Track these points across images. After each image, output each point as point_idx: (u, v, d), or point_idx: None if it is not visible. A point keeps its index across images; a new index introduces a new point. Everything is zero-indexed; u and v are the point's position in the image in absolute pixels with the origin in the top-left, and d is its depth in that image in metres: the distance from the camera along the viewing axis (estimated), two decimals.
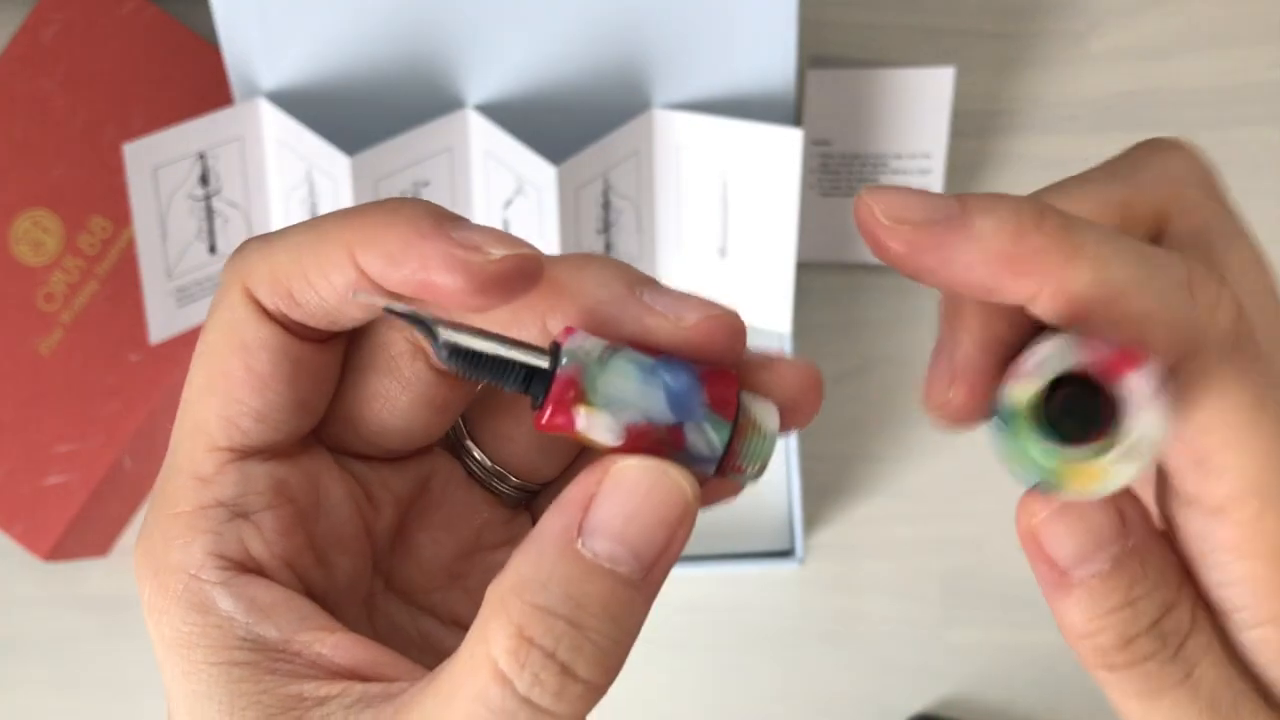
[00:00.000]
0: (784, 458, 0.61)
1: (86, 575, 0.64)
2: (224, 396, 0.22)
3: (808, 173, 0.61)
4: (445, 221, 0.22)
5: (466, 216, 0.23)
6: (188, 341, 0.58)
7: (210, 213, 0.55)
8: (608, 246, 0.56)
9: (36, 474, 0.58)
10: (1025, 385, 0.20)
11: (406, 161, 0.53)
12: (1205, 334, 0.20)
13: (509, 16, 0.53)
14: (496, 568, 0.20)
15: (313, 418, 0.23)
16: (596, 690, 0.19)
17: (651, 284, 0.22)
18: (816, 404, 0.22)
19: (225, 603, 0.21)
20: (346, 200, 0.52)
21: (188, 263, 0.55)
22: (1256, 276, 0.23)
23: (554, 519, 0.19)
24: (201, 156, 0.54)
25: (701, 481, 0.21)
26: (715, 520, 0.62)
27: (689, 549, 0.68)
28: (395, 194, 0.54)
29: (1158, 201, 0.23)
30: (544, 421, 0.20)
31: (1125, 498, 0.21)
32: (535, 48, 0.54)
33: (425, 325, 0.20)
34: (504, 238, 0.21)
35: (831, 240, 0.62)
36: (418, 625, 0.25)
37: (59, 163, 0.59)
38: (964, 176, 0.64)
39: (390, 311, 0.20)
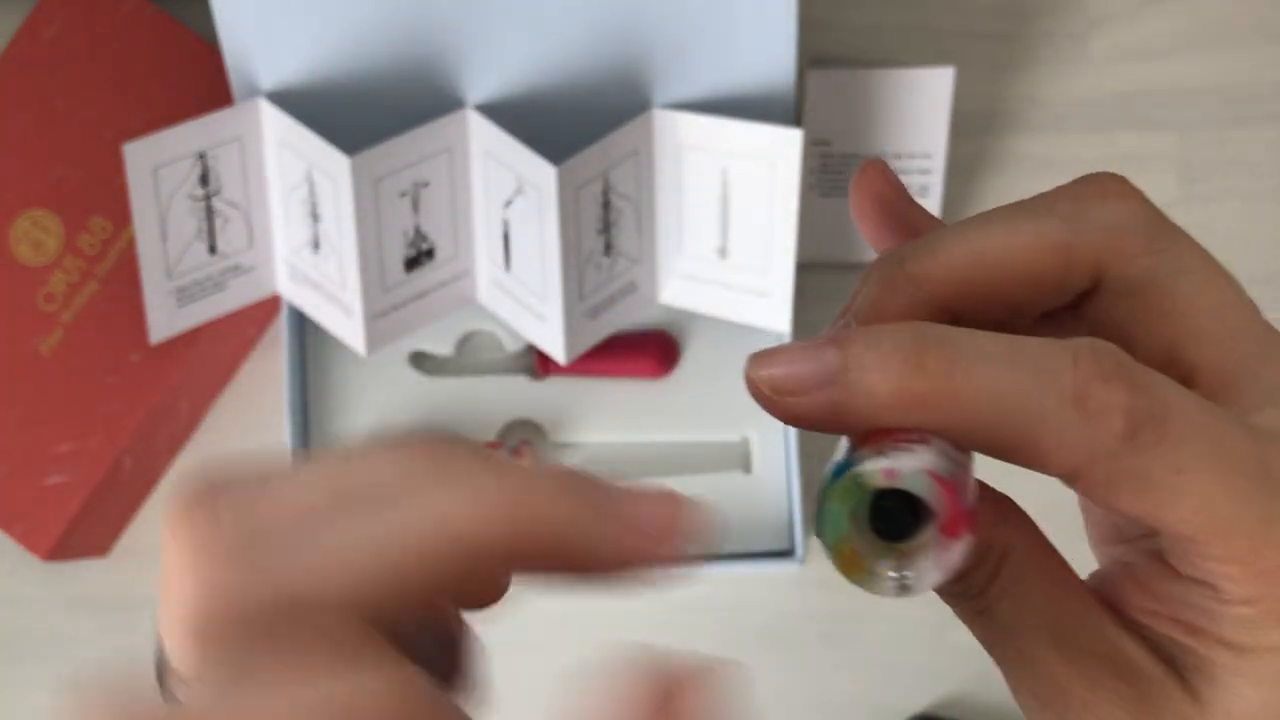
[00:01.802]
0: (784, 457, 0.61)
1: (86, 575, 0.64)
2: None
3: (808, 173, 0.61)
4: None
5: (467, 217, 0.22)
6: (188, 341, 0.58)
7: (210, 213, 0.55)
8: (608, 246, 0.56)
9: (36, 474, 0.58)
10: (873, 472, 0.20)
11: (406, 161, 0.53)
12: (1097, 444, 0.20)
13: (509, 16, 0.53)
14: None
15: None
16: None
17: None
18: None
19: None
20: (346, 200, 0.52)
21: (188, 263, 0.55)
22: (1213, 303, 0.23)
23: None
24: (201, 156, 0.54)
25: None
26: (715, 520, 0.62)
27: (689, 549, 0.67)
28: (395, 194, 0.54)
29: (1098, 249, 0.23)
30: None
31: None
32: (535, 48, 0.54)
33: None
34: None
35: (831, 240, 0.62)
36: None
37: (59, 163, 0.59)
38: (964, 176, 0.64)
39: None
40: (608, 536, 0.19)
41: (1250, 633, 0.22)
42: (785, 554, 0.61)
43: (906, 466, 0.20)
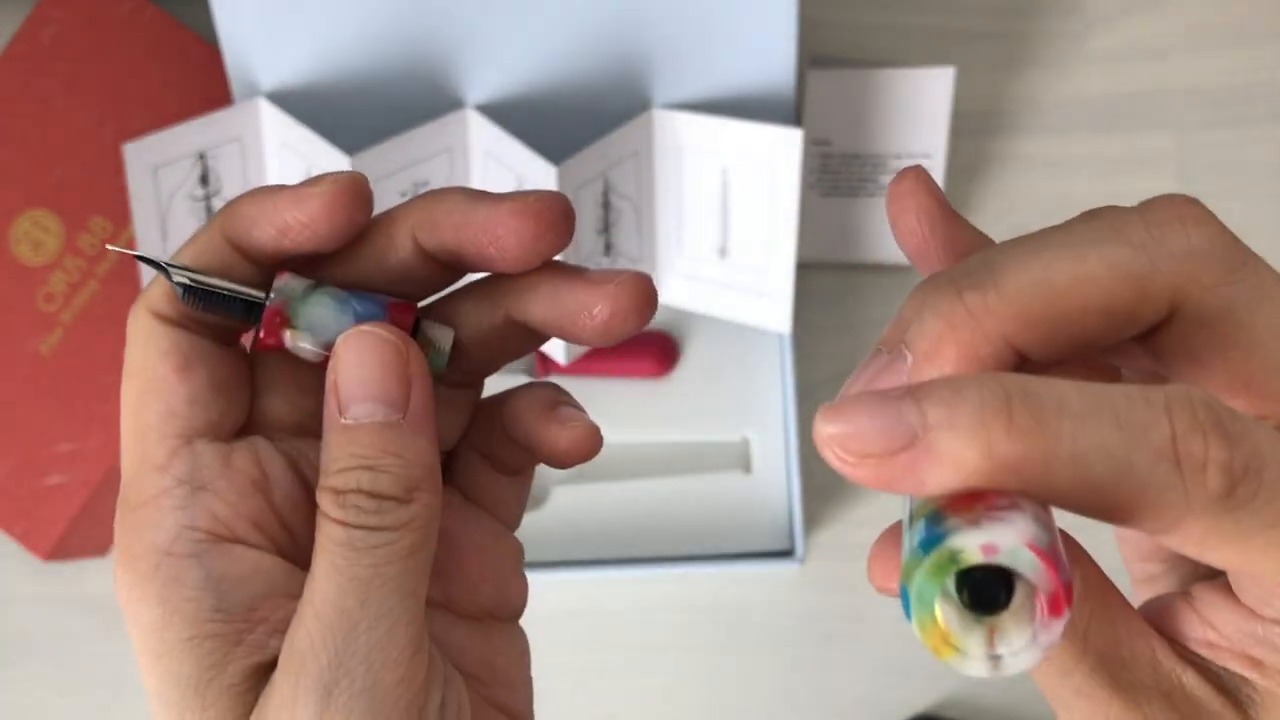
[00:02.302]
0: (784, 458, 0.61)
1: (86, 575, 0.64)
2: (156, 394, 0.25)
3: (808, 173, 0.61)
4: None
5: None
6: None
7: (210, 213, 0.55)
8: (608, 246, 0.56)
9: (36, 474, 0.58)
10: (971, 550, 0.19)
11: (406, 161, 0.53)
12: (1195, 503, 0.19)
13: (509, 16, 0.53)
14: None
15: (238, 405, 0.26)
16: (403, 501, 0.24)
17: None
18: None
19: (196, 574, 0.24)
20: None
21: None
22: None
23: (324, 409, 0.24)
24: (201, 156, 0.54)
25: None
26: (715, 520, 0.62)
27: (689, 549, 0.67)
28: (395, 194, 0.54)
29: (1176, 280, 0.22)
30: (258, 342, 0.25)
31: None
32: (535, 48, 0.54)
33: (164, 269, 0.26)
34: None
35: (831, 240, 0.62)
36: None
37: (59, 163, 0.59)
38: (964, 176, 0.64)
39: (139, 259, 0.27)
40: None
41: None
42: (785, 554, 0.61)
43: (1006, 542, 0.19)
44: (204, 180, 0.54)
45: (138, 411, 0.25)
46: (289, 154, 0.55)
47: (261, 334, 0.25)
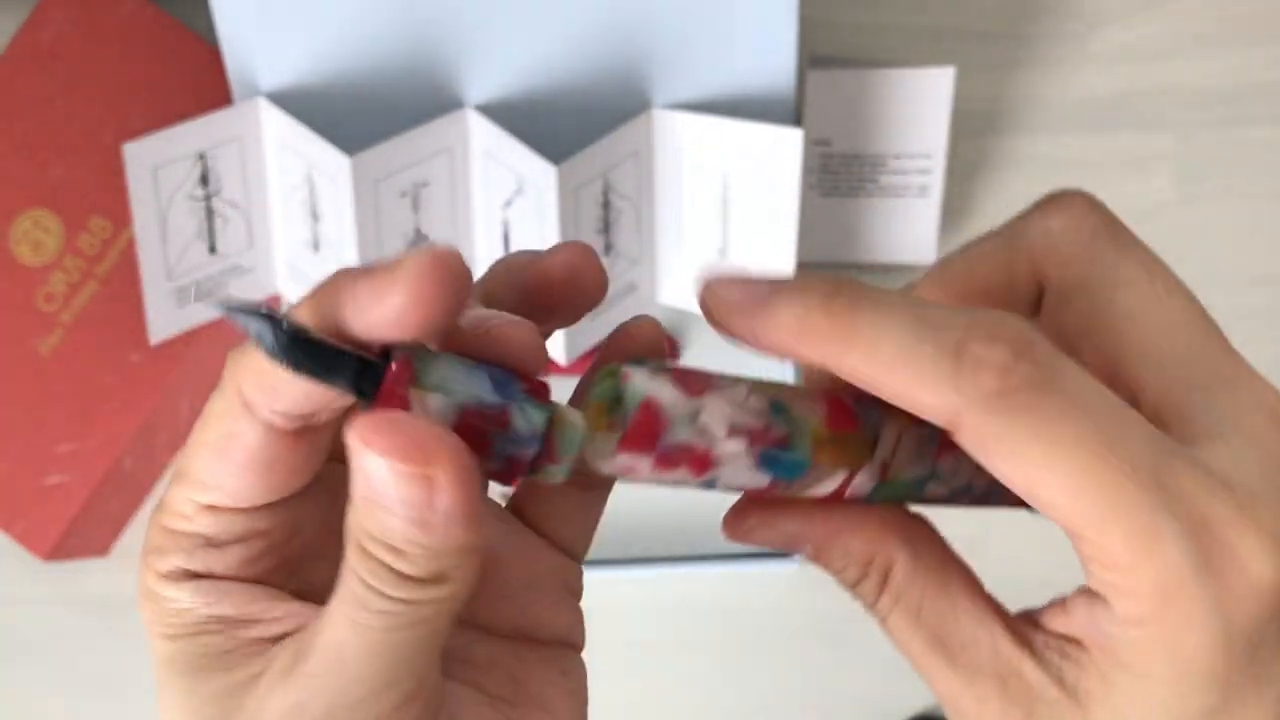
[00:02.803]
0: None
1: (86, 575, 0.64)
2: (209, 462, 0.24)
3: (808, 173, 0.61)
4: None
5: (467, 217, 0.24)
6: (188, 341, 0.58)
7: (210, 213, 0.55)
8: (608, 246, 0.56)
9: (36, 474, 0.58)
10: (632, 372, 0.24)
11: (406, 161, 0.53)
12: (966, 395, 0.22)
13: (509, 16, 0.53)
14: None
15: (288, 491, 0.25)
16: (426, 583, 0.23)
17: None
18: (595, 280, 0.26)
19: (183, 596, 0.25)
20: (347, 200, 0.52)
21: (188, 263, 0.55)
22: (1161, 322, 0.24)
23: (352, 473, 0.22)
24: (201, 156, 0.54)
25: (518, 471, 0.24)
26: (715, 520, 0.62)
27: (689, 549, 0.67)
28: (395, 194, 0.54)
29: (1034, 261, 0.25)
30: (380, 401, 0.22)
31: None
32: (535, 48, 0.54)
33: (266, 317, 0.22)
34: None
35: (831, 240, 0.62)
36: None
37: (59, 163, 0.59)
38: (964, 176, 0.64)
39: (230, 310, 0.22)
40: None
41: (1140, 657, 0.22)
42: (785, 554, 0.61)
43: (640, 386, 0.23)
44: (204, 180, 0.54)
45: (195, 450, 0.25)
46: (289, 154, 0.55)
47: (384, 391, 0.22)
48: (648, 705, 0.64)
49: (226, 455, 0.24)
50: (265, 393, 0.23)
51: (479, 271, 0.25)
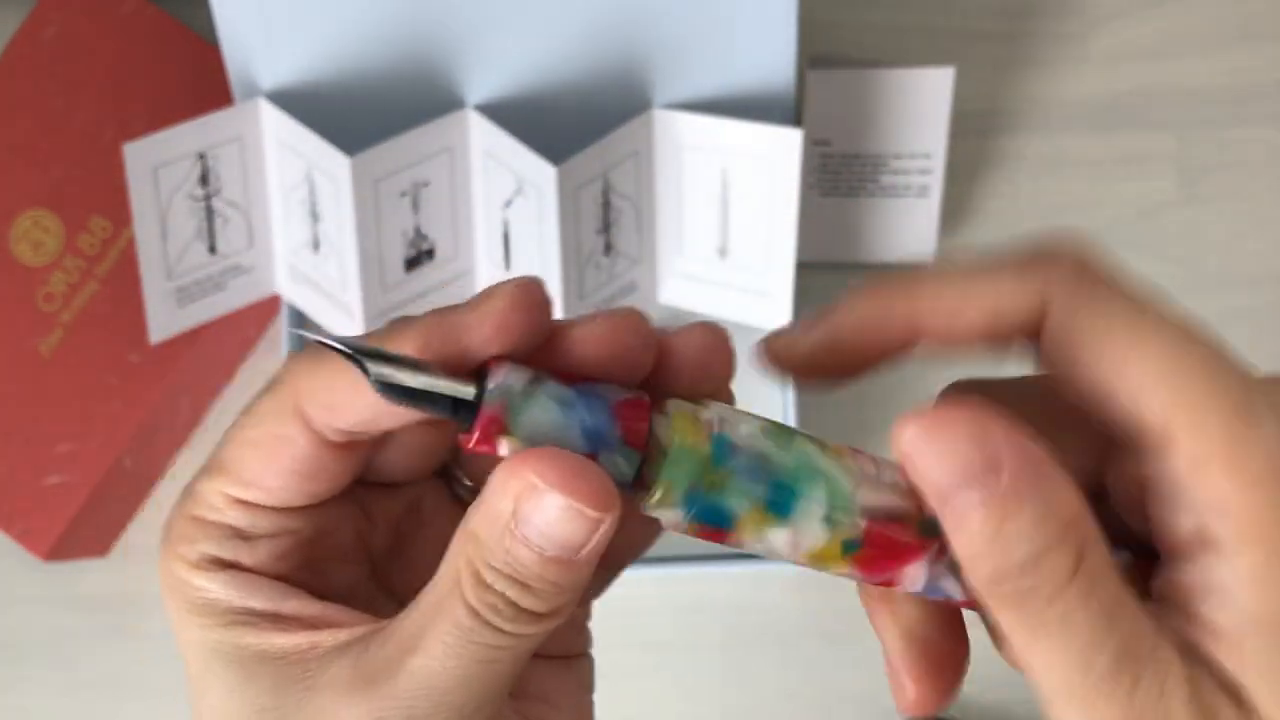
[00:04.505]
0: None
1: (86, 575, 0.64)
2: (253, 461, 0.24)
3: (808, 173, 0.61)
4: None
5: (467, 217, 0.24)
6: (188, 341, 0.58)
7: (210, 213, 0.55)
8: (608, 246, 0.56)
9: (36, 474, 0.58)
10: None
11: (406, 161, 0.53)
12: (1053, 277, 0.23)
13: (509, 16, 0.53)
14: None
15: (324, 497, 0.25)
16: (542, 618, 0.23)
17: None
18: (725, 362, 0.25)
19: (215, 586, 0.24)
20: (347, 200, 0.52)
21: (188, 263, 0.55)
22: (1153, 344, 0.23)
23: (497, 499, 0.23)
24: (201, 156, 0.54)
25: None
26: None
27: (689, 549, 0.67)
28: (395, 194, 0.54)
29: (1035, 291, 0.24)
30: (470, 447, 0.23)
31: (1009, 427, 0.22)
32: (535, 48, 0.54)
33: (356, 360, 0.22)
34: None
35: (831, 240, 0.62)
36: None
37: (59, 163, 0.59)
38: (964, 176, 0.64)
39: (322, 344, 0.22)
40: None
41: (1260, 594, 0.21)
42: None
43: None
44: (204, 180, 0.54)
45: (239, 442, 0.25)
46: (289, 154, 0.55)
47: (475, 442, 0.23)
48: (649, 705, 0.64)
49: (272, 457, 0.24)
50: (326, 410, 0.24)
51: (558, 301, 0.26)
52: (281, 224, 0.56)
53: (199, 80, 0.59)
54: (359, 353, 0.22)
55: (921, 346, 0.25)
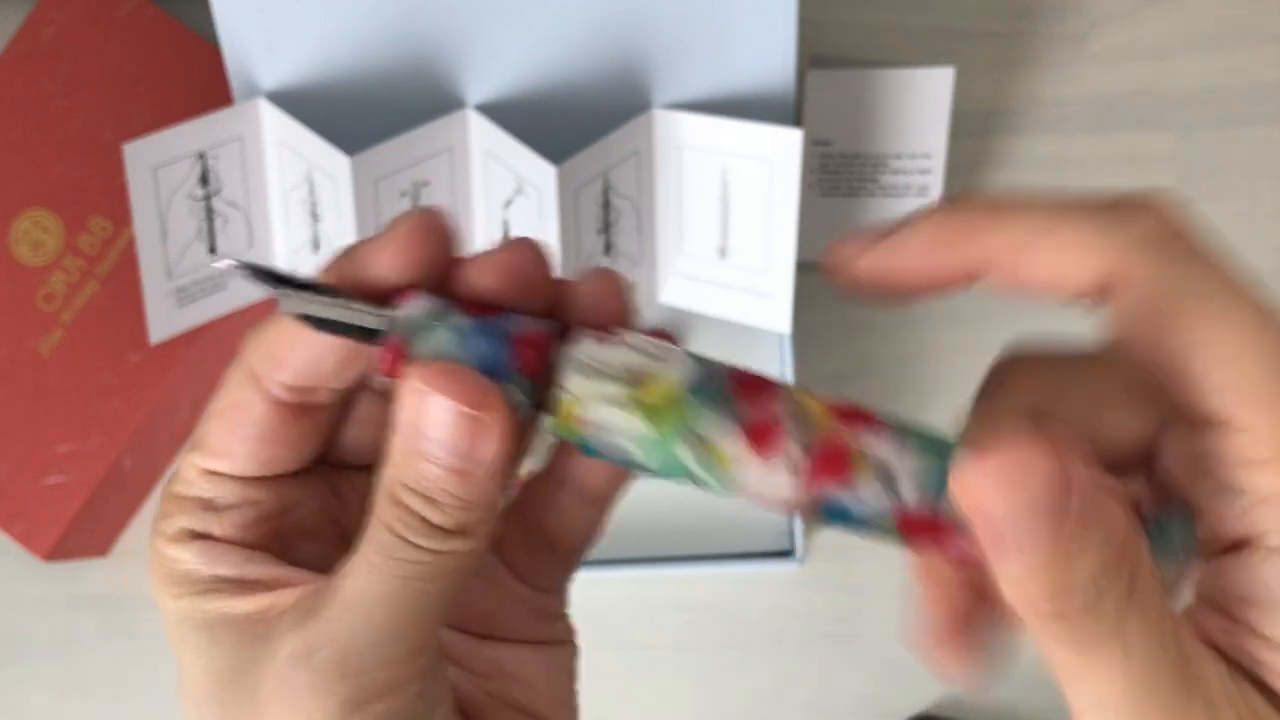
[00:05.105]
0: None
1: (86, 575, 0.64)
2: (216, 430, 0.26)
3: (808, 173, 0.61)
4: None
5: (467, 217, 0.25)
6: (188, 341, 0.58)
7: (210, 213, 0.55)
8: (608, 246, 0.56)
9: (36, 474, 0.58)
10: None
11: (406, 161, 0.53)
12: (1132, 238, 0.22)
13: (509, 16, 0.53)
14: None
15: (284, 468, 0.26)
16: (451, 534, 0.24)
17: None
18: (619, 306, 0.26)
19: (187, 557, 0.26)
20: (347, 200, 0.52)
21: (188, 263, 0.55)
22: (1231, 342, 0.22)
23: (396, 412, 0.24)
24: (201, 156, 0.54)
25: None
26: (715, 520, 0.62)
27: (689, 549, 0.67)
28: (395, 194, 0.54)
29: (1114, 255, 0.24)
30: (380, 372, 0.24)
31: (1074, 457, 0.21)
32: (535, 48, 0.54)
33: (281, 277, 0.24)
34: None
35: (831, 240, 0.62)
36: None
37: (59, 163, 0.59)
38: (964, 176, 0.64)
39: (244, 268, 0.24)
40: None
41: None
42: (785, 554, 0.61)
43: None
44: (204, 180, 0.54)
45: (209, 418, 0.26)
46: (289, 154, 0.55)
47: (381, 367, 0.24)
48: (648, 705, 0.64)
49: (234, 424, 0.26)
50: (270, 364, 0.25)
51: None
52: (281, 224, 0.57)
53: (199, 80, 0.59)
54: (272, 277, 0.24)
55: (984, 283, 0.24)
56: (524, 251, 0.25)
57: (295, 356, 0.25)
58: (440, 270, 0.25)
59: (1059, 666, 0.22)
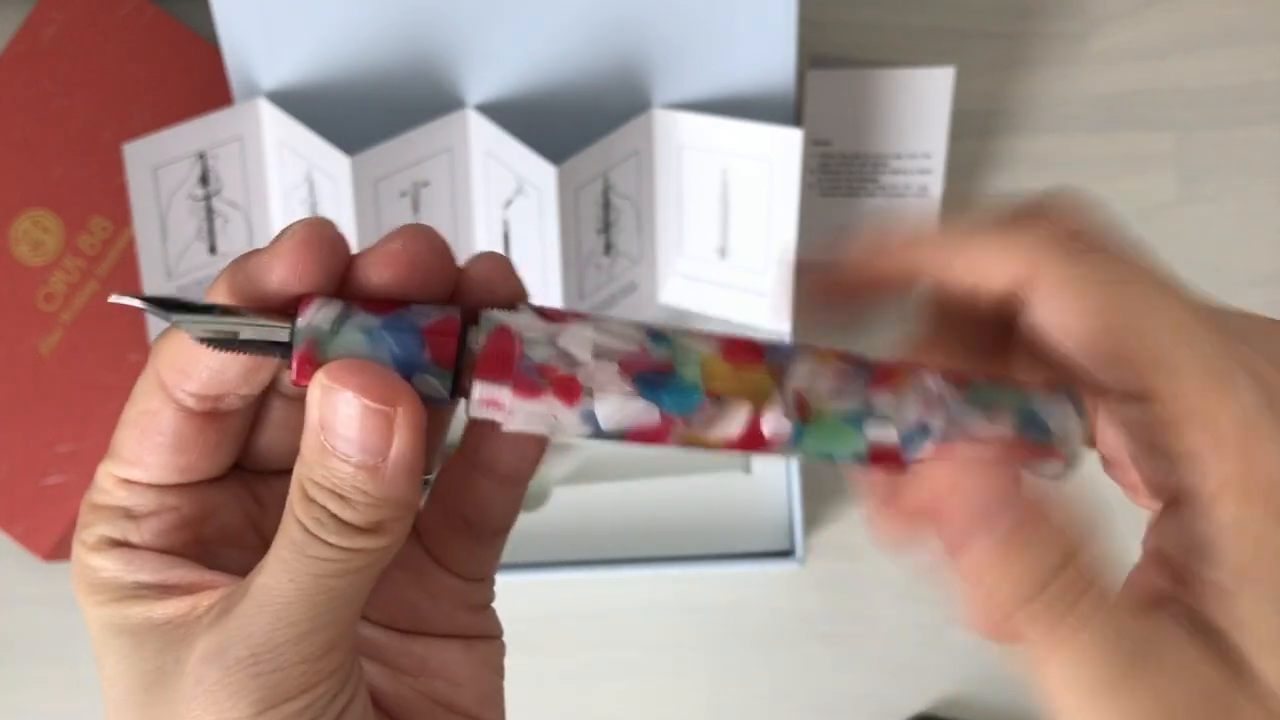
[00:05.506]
0: (785, 458, 0.61)
1: None
2: (129, 439, 0.26)
3: (808, 173, 0.61)
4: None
5: (467, 217, 0.25)
6: None
7: (210, 213, 0.55)
8: (608, 246, 0.56)
9: (36, 474, 0.58)
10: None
11: (406, 161, 0.53)
12: (1044, 236, 0.24)
13: (509, 16, 0.53)
14: None
15: (198, 475, 0.26)
16: (363, 531, 0.24)
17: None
18: (512, 283, 0.26)
19: (108, 564, 0.26)
20: (347, 200, 0.52)
21: (188, 263, 0.55)
22: (1137, 307, 0.24)
23: (307, 415, 0.24)
24: (201, 156, 0.54)
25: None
26: (715, 520, 0.62)
27: (689, 549, 0.67)
28: (395, 194, 0.54)
29: (1022, 254, 0.25)
30: (295, 384, 0.24)
31: (1015, 488, 0.23)
32: (535, 48, 0.54)
33: (180, 305, 0.23)
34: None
35: (831, 240, 0.62)
36: None
37: (59, 163, 0.59)
38: (964, 176, 0.64)
39: (146, 303, 0.24)
40: None
41: (1232, 502, 0.23)
42: (785, 554, 0.61)
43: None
44: (204, 180, 0.54)
45: (123, 425, 0.26)
46: (289, 154, 0.55)
47: (294, 378, 0.24)
48: (648, 705, 0.64)
49: (145, 433, 0.25)
50: (177, 374, 0.25)
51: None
52: (281, 224, 0.56)
53: (199, 80, 0.59)
54: (165, 305, 0.23)
55: (919, 289, 0.27)
56: (417, 240, 0.25)
57: (199, 367, 0.25)
58: (336, 275, 0.24)
59: (1034, 665, 0.23)
